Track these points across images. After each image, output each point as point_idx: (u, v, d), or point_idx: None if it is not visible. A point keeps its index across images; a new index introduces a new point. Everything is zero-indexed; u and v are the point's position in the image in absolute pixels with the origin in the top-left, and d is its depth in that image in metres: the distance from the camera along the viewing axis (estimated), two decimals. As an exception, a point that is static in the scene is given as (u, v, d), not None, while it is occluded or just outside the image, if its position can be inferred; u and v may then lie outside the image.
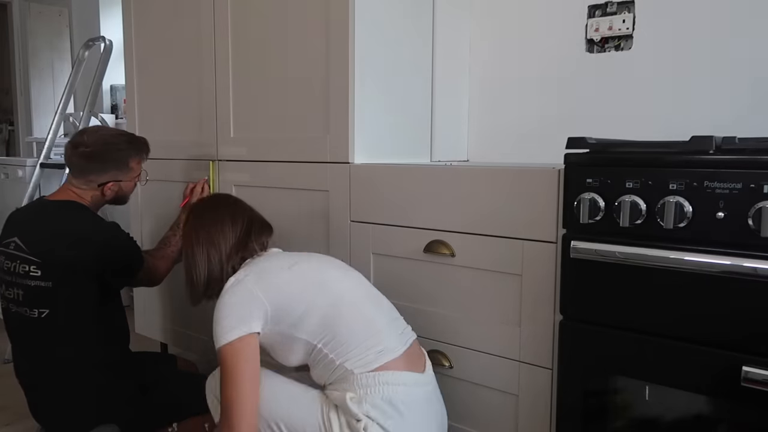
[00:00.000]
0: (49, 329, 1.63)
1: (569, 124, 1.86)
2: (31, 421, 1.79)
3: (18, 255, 1.64)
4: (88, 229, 1.67)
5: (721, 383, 1.09)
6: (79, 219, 1.69)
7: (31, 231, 1.66)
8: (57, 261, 1.62)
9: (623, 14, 1.74)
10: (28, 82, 5.02)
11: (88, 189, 1.74)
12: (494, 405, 1.48)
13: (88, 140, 1.71)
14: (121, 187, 1.78)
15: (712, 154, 1.10)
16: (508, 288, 1.42)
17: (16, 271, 1.64)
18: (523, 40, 1.95)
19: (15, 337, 1.71)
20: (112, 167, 1.74)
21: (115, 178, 1.75)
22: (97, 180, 1.73)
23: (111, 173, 1.74)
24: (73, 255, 1.62)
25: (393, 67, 1.80)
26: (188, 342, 2.30)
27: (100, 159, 1.72)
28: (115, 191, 1.77)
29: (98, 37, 3.22)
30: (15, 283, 1.64)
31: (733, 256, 1.06)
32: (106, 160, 1.72)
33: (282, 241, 1.91)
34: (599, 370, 1.24)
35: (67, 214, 1.69)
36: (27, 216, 1.73)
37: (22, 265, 1.63)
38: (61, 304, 1.63)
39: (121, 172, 1.76)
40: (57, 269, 1.62)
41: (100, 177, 1.73)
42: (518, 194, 1.38)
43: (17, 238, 1.66)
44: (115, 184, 1.75)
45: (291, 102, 1.84)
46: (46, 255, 1.62)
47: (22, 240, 1.65)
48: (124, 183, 1.78)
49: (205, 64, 2.08)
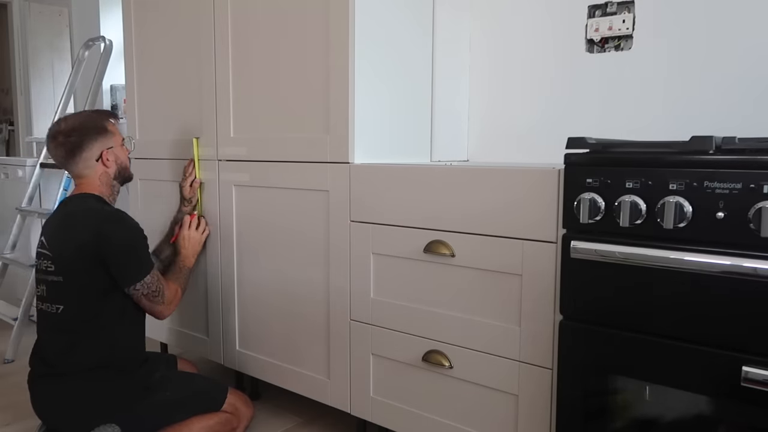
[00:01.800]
0: (64, 324, 1.68)
1: (569, 124, 1.86)
2: (31, 421, 1.79)
3: (43, 252, 1.72)
4: (88, 215, 1.70)
5: (721, 383, 1.09)
6: (82, 206, 1.73)
7: (51, 228, 1.74)
8: (64, 254, 1.67)
9: (623, 14, 1.74)
10: (28, 82, 5.01)
11: (93, 172, 1.77)
12: (494, 405, 1.48)
13: (63, 126, 1.76)
14: (116, 154, 1.80)
15: (712, 154, 1.10)
16: (508, 288, 1.42)
17: (42, 268, 1.72)
18: (523, 40, 1.95)
19: (40, 332, 1.76)
20: (95, 134, 1.77)
21: (105, 146, 1.78)
22: (92, 155, 1.76)
23: (99, 141, 1.77)
24: (75, 245, 1.66)
25: (393, 67, 1.80)
26: (188, 342, 2.30)
27: (80, 131, 1.75)
28: (114, 160, 1.80)
29: (98, 37, 3.22)
30: (41, 279, 1.72)
31: (733, 256, 1.06)
32: (86, 129, 1.76)
33: (282, 241, 1.91)
34: (599, 370, 1.24)
35: (73, 206, 1.74)
36: (53, 215, 1.80)
37: (44, 262, 1.71)
38: (72, 299, 1.67)
39: (105, 137, 1.79)
40: (65, 262, 1.67)
41: (92, 150, 1.76)
42: (518, 194, 1.38)
43: (44, 237, 1.74)
44: (110, 152, 1.78)
45: (291, 102, 1.84)
46: (57, 249, 1.68)
47: (46, 238, 1.73)
48: (116, 149, 1.81)
49: (205, 64, 2.08)
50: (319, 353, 1.85)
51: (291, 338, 1.92)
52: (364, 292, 1.69)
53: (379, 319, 1.67)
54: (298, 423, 2.05)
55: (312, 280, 1.84)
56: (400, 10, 1.82)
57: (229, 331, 2.12)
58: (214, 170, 2.08)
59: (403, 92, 1.85)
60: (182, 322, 2.31)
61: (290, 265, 1.89)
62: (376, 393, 1.72)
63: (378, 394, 1.71)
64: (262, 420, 2.05)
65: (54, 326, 1.69)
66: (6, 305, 2.96)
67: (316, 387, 1.86)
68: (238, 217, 2.04)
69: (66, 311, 1.67)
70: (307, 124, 1.80)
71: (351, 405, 1.78)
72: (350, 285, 1.73)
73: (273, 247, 1.94)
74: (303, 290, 1.87)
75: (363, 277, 1.69)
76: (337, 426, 2.01)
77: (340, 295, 1.76)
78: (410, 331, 1.61)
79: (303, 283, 1.86)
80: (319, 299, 1.82)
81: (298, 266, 1.87)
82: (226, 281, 2.10)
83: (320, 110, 1.76)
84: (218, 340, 2.16)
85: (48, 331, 1.71)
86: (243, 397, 1.92)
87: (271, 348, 1.99)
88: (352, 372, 1.76)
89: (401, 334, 1.63)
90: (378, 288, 1.67)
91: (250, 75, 1.96)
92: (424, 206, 1.55)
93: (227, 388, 1.87)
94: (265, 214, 1.95)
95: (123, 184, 1.88)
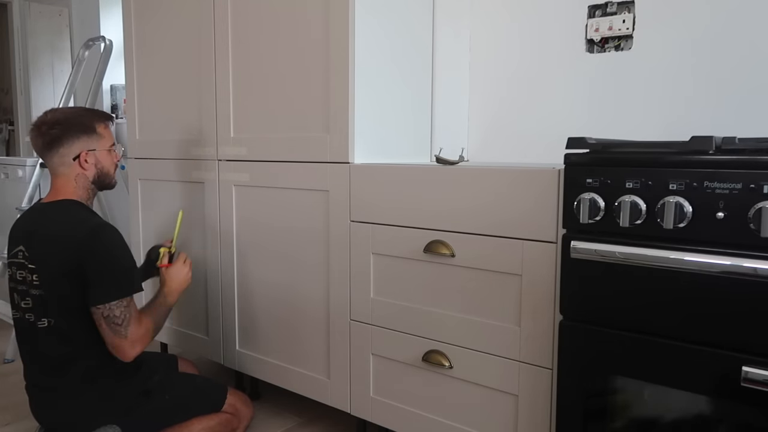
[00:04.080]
0: (56, 337, 1.62)
1: (569, 124, 1.86)
2: (31, 421, 1.79)
3: (24, 264, 1.64)
4: (69, 228, 1.61)
5: (721, 383, 1.09)
6: (62, 217, 1.64)
7: (31, 238, 1.64)
8: (47, 268, 1.60)
9: (623, 14, 1.74)
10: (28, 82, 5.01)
11: (69, 171, 1.67)
12: (494, 405, 1.48)
13: (49, 117, 1.67)
14: (97, 158, 1.70)
15: (712, 154, 1.10)
16: (508, 288, 1.42)
17: (25, 281, 1.63)
18: (524, 40, 1.95)
19: (24, 343, 1.70)
20: (78, 132, 1.67)
21: (87, 147, 1.68)
22: (69, 153, 1.66)
23: (81, 140, 1.67)
24: (57, 258, 1.58)
25: (393, 67, 1.80)
26: (188, 342, 2.30)
27: (64, 126, 1.66)
28: (94, 164, 1.69)
29: (98, 37, 3.21)
30: (26, 292, 1.64)
31: (733, 256, 1.06)
32: (70, 125, 1.67)
33: (282, 241, 1.91)
34: (599, 370, 1.24)
35: (53, 215, 1.65)
36: (28, 223, 1.70)
37: (27, 275, 1.63)
38: (61, 312, 1.61)
39: (90, 138, 1.69)
40: (48, 277, 1.60)
41: (71, 148, 1.66)
42: (518, 194, 1.38)
43: (22, 246, 1.65)
44: (90, 155, 1.68)
45: (291, 102, 1.84)
46: (40, 263, 1.60)
47: (26, 248, 1.64)
48: (99, 153, 1.70)
49: (205, 64, 2.08)
50: (319, 353, 1.85)
51: (291, 338, 1.92)
52: (364, 292, 1.69)
53: (379, 319, 1.67)
54: (298, 423, 2.05)
55: (312, 280, 1.84)
56: (400, 11, 1.82)
57: (229, 331, 2.12)
58: (214, 170, 2.08)
59: (403, 92, 1.85)
60: (182, 322, 2.32)
61: (290, 265, 1.89)
62: (376, 393, 1.72)
63: (378, 394, 1.71)
64: (262, 420, 2.05)
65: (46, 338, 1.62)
66: (6, 305, 2.96)
67: (316, 387, 1.86)
68: (238, 217, 2.04)
69: (56, 324, 1.61)
70: (307, 124, 1.80)
71: (351, 405, 1.78)
72: (350, 285, 1.73)
73: (273, 247, 1.94)
74: (303, 290, 1.87)
75: (363, 277, 1.69)
76: (337, 426, 2.01)
77: (340, 295, 1.76)
78: (410, 331, 1.61)
79: (303, 283, 1.86)
80: (319, 299, 1.82)
81: (298, 266, 1.87)
82: (226, 281, 2.10)
83: (320, 110, 1.76)
84: (218, 340, 2.16)
85: (40, 343, 1.64)
86: (243, 398, 1.92)
87: (271, 348, 1.99)
88: (352, 372, 1.76)
89: (401, 334, 1.63)
90: (378, 288, 1.67)
91: (250, 75, 1.96)
92: (424, 206, 1.55)
93: (227, 389, 1.86)
94: (265, 214, 1.95)
95: (101, 190, 1.77)
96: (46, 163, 1.70)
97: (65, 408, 1.65)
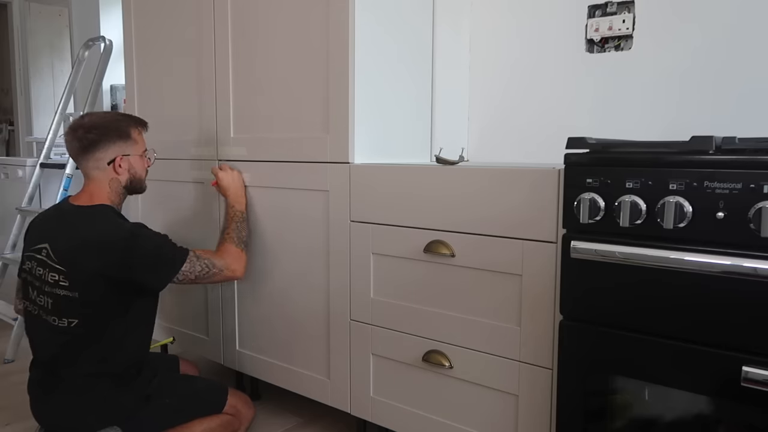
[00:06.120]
0: (73, 338, 1.63)
1: (569, 124, 1.86)
2: (31, 421, 1.79)
3: (48, 263, 1.64)
4: (109, 234, 1.63)
5: (721, 383, 1.09)
6: (101, 224, 1.65)
7: (59, 239, 1.65)
8: (81, 271, 1.60)
9: (623, 14, 1.74)
10: (28, 82, 5.02)
11: (103, 175, 1.71)
12: (494, 405, 1.48)
13: (86, 121, 1.71)
14: (131, 163, 1.74)
15: (712, 154, 1.10)
16: (508, 288, 1.43)
17: (46, 279, 1.63)
18: (523, 40, 1.95)
19: (37, 342, 1.71)
20: (114, 137, 1.71)
21: (122, 152, 1.72)
22: (105, 157, 1.70)
23: (117, 145, 1.71)
24: (95, 264, 1.60)
25: (393, 67, 1.80)
26: (188, 342, 2.30)
27: (101, 130, 1.70)
28: (127, 169, 1.74)
29: (98, 37, 3.22)
30: (45, 291, 1.64)
31: (733, 256, 1.06)
32: (107, 130, 1.71)
33: (282, 241, 1.91)
34: (599, 370, 1.24)
35: (90, 220, 1.66)
36: (55, 222, 1.71)
37: (51, 274, 1.63)
38: (88, 315, 1.62)
39: (125, 143, 1.73)
40: (82, 280, 1.60)
41: (107, 152, 1.70)
42: (518, 194, 1.38)
43: (48, 245, 1.65)
44: (124, 159, 1.72)
45: (291, 102, 1.84)
46: (72, 265, 1.61)
47: (52, 248, 1.64)
48: (133, 158, 1.75)
49: (205, 64, 2.08)
50: (319, 353, 1.85)
51: (291, 338, 1.92)
52: (364, 292, 1.69)
53: (379, 319, 1.67)
54: (298, 423, 2.05)
55: (312, 279, 1.84)
56: (400, 11, 1.82)
57: (229, 331, 2.12)
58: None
59: (403, 92, 1.85)
60: (182, 322, 2.32)
61: (290, 265, 1.89)
62: (376, 393, 1.72)
63: (378, 394, 1.71)
64: (262, 420, 2.05)
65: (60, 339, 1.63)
66: (6, 305, 2.96)
67: (316, 387, 1.86)
68: (238, 217, 2.04)
69: (79, 326, 1.62)
70: (307, 124, 1.80)
71: (351, 405, 1.78)
72: (350, 285, 1.73)
73: (273, 246, 1.94)
74: (303, 290, 1.87)
75: (363, 277, 1.69)
76: (337, 426, 2.01)
77: (340, 295, 1.76)
78: (410, 331, 1.61)
79: (303, 283, 1.86)
80: (319, 299, 1.82)
81: (298, 266, 1.87)
82: (226, 281, 2.10)
83: (320, 110, 1.76)
84: (218, 340, 2.16)
85: (55, 344, 1.65)
86: (244, 398, 1.92)
87: (271, 348, 1.99)
88: (352, 372, 1.76)
89: (401, 334, 1.63)
90: (378, 288, 1.67)
91: (250, 75, 1.96)
92: (424, 206, 1.55)
93: (228, 390, 1.86)
94: (264, 214, 1.95)
95: (131, 194, 1.82)
96: (79, 166, 1.74)
97: (66, 410, 1.65)
